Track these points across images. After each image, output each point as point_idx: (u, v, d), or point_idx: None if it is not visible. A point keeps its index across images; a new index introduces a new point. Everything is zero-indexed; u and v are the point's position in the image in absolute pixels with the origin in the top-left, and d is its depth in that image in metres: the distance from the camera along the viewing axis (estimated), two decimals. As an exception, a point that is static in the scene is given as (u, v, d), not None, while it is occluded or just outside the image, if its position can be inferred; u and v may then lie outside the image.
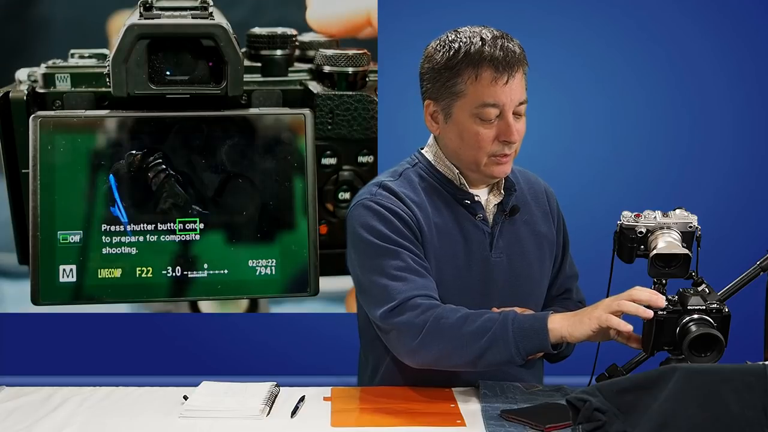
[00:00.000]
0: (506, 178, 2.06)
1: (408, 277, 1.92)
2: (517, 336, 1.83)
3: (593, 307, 1.82)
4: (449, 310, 1.89)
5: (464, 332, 1.85)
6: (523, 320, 1.85)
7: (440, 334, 1.86)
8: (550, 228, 2.15)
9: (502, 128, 1.96)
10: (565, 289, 2.22)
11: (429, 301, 1.91)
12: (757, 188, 3.32)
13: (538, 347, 1.83)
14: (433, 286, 1.95)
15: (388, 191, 2.02)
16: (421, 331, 1.87)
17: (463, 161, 2.02)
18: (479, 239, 2.04)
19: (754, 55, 3.26)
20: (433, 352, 1.87)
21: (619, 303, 1.78)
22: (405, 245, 1.96)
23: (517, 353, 1.83)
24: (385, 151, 2.50)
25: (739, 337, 1.83)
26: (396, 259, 1.94)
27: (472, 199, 2.04)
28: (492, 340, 1.84)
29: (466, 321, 1.86)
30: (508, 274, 2.06)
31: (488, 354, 1.84)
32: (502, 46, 1.94)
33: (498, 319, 1.86)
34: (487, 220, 2.06)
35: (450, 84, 1.97)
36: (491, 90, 1.93)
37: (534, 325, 1.83)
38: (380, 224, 1.97)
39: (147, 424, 1.81)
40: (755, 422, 1.51)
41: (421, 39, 2.08)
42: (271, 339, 3.33)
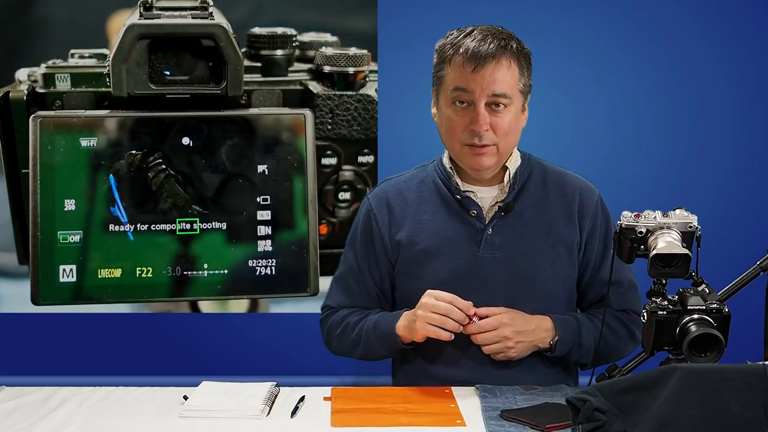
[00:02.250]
0: (514, 176, 2.08)
1: (339, 288, 2.19)
2: (380, 340, 2.09)
3: (414, 315, 2.01)
4: (339, 317, 2.17)
5: (347, 341, 2.15)
6: (382, 327, 2.08)
7: (332, 339, 2.19)
8: (572, 230, 2.10)
9: (472, 117, 2.01)
10: (602, 297, 2.12)
11: (336, 312, 2.18)
12: (757, 188, 3.31)
13: (395, 348, 2.09)
14: (359, 301, 2.18)
15: (382, 190, 2.16)
16: (323, 334, 2.22)
17: (450, 151, 2.09)
18: (468, 235, 2.06)
19: (754, 55, 3.26)
20: (335, 351, 2.22)
21: (431, 330, 1.98)
22: (361, 252, 2.15)
23: (387, 352, 2.13)
24: (385, 151, 2.50)
25: (739, 337, 1.83)
26: (350, 262, 2.18)
27: (463, 194, 2.07)
28: (366, 348, 2.12)
29: (345, 330, 2.14)
30: (504, 271, 2.06)
31: (371, 355, 2.14)
32: (484, 38, 2.01)
33: (363, 329, 2.11)
34: (482, 217, 2.07)
35: (437, 71, 2.07)
36: (462, 74, 2.01)
37: (387, 332, 2.07)
38: (360, 226, 2.17)
39: (147, 424, 1.81)
40: (755, 422, 1.51)
41: (421, 39, 2.09)
42: (271, 339, 3.32)
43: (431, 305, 1.98)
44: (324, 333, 2.22)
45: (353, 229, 2.20)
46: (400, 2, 3.16)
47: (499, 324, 2.00)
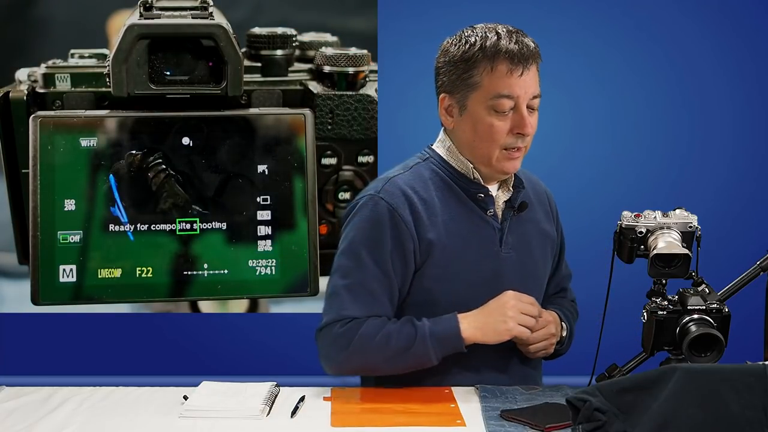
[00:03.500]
0: (515, 176, 2.08)
1: (362, 296, 2.01)
2: (436, 347, 1.96)
3: (503, 315, 1.96)
4: (373, 326, 1.98)
5: (389, 351, 1.96)
6: (440, 332, 1.96)
7: (365, 351, 1.98)
8: (552, 227, 2.19)
9: (516, 120, 1.98)
10: (561, 288, 2.27)
11: (355, 321, 1.99)
12: (757, 188, 3.32)
13: (454, 350, 1.97)
14: (385, 309, 2.02)
15: (395, 187, 2.04)
16: (348, 347, 1.98)
17: (476, 155, 2.04)
18: (489, 234, 2.05)
19: (754, 55, 3.27)
20: (357, 365, 2.02)
21: (525, 321, 1.97)
22: (378, 260, 2.01)
23: (436, 359, 1.97)
24: (385, 151, 2.50)
25: (739, 337, 1.83)
26: (361, 272, 2.01)
27: (486, 193, 2.05)
28: (414, 356, 1.96)
29: (388, 340, 1.96)
30: (517, 270, 2.08)
31: (411, 366, 1.98)
32: (517, 39, 1.98)
33: (415, 335, 1.96)
34: (497, 216, 2.07)
35: (466, 76, 1.99)
36: (506, 81, 1.96)
37: (449, 334, 1.96)
38: (371, 230, 2.03)
39: (147, 424, 1.81)
40: (755, 422, 1.51)
41: (421, 39, 2.08)
42: (271, 339, 3.33)
43: (521, 307, 1.98)
44: (344, 346, 1.99)
45: (361, 233, 2.04)
46: (400, 2, 3.16)
47: (546, 322, 2.04)
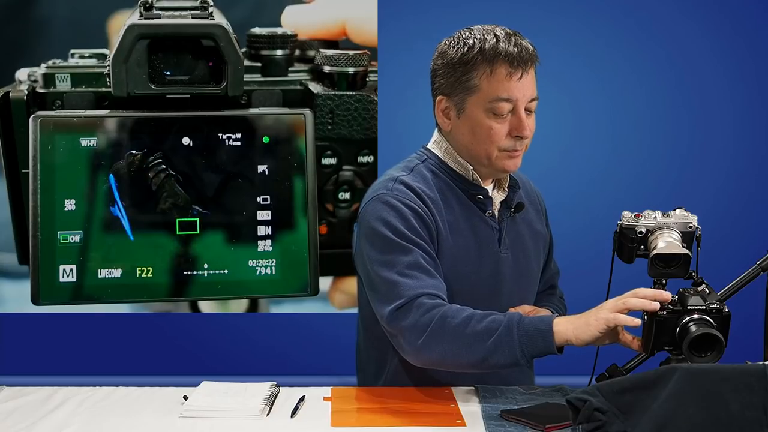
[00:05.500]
0: (510, 176, 2.08)
1: (418, 275, 1.91)
2: (522, 339, 1.81)
3: (597, 310, 1.80)
4: (455, 309, 1.86)
5: (469, 333, 1.83)
6: (529, 323, 1.82)
7: (445, 334, 1.84)
8: (543, 226, 2.20)
9: (515, 123, 1.97)
10: (550, 285, 2.27)
11: (435, 300, 1.88)
12: (757, 188, 3.32)
13: (543, 350, 1.81)
14: (443, 286, 1.94)
15: (404, 186, 2.01)
16: (426, 331, 1.85)
17: (473, 156, 2.03)
18: (488, 235, 2.05)
19: (754, 55, 3.27)
20: (438, 352, 1.85)
21: (624, 301, 1.78)
22: (418, 243, 1.94)
23: (522, 356, 1.81)
24: (385, 151, 2.50)
25: (739, 337, 1.83)
26: (408, 255, 1.92)
27: (485, 195, 2.05)
28: (497, 343, 1.82)
29: (470, 322, 1.84)
30: (514, 269, 2.08)
31: (493, 356, 1.82)
32: (516, 42, 1.96)
33: (503, 321, 1.83)
34: (494, 216, 2.07)
35: (464, 79, 1.98)
36: (505, 85, 1.95)
37: (539, 328, 1.81)
38: (396, 220, 1.95)
39: (147, 424, 1.81)
40: (755, 422, 1.51)
41: (421, 39, 2.08)
42: (271, 339, 3.33)
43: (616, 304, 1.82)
44: (427, 324, 1.85)
45: (387, 227, 1.94)
46: (400, 2, 3.16)
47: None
